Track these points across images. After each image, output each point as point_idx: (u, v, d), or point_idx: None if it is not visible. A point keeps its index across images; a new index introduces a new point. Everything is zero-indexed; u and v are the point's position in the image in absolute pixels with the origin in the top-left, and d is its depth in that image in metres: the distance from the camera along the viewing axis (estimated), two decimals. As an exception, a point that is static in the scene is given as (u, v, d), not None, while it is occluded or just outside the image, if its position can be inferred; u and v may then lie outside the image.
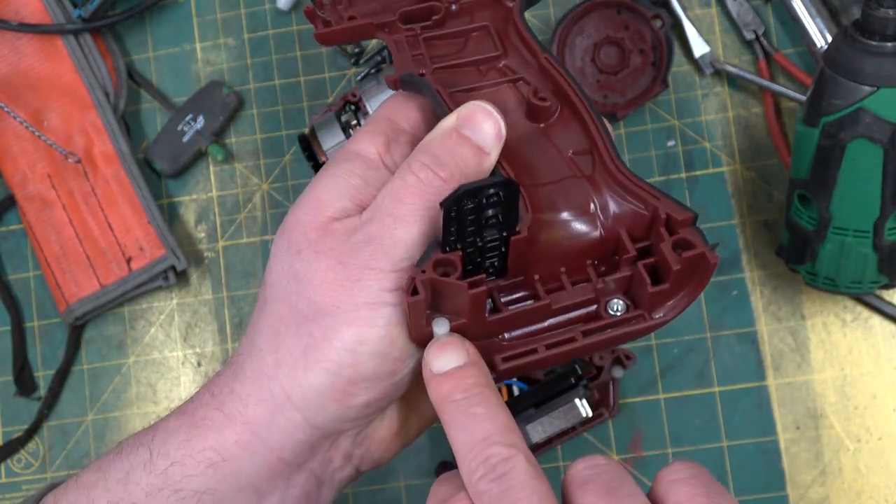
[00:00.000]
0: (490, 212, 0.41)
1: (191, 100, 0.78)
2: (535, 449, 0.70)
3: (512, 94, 0.48)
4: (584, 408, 0.69)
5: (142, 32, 0.80)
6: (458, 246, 0.42)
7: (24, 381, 0.78)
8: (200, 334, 0.77)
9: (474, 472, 0.38)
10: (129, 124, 0.79)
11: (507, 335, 0.44)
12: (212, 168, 0.79)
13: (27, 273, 0.79)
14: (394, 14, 0.49)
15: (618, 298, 0.44)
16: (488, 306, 0.44)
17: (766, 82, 0.73)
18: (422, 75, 0.47)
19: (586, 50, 0.75)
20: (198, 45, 0.80)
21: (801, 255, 0.65)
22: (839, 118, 0.59)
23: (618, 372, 0.71)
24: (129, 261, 0.76)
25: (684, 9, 0.75)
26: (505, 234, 0.42)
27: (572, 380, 0.69)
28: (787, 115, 0.74)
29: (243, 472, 0.44)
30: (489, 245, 0.42)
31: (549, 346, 0.43)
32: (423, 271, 0.41)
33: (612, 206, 0.44)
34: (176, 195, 0.79)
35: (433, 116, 0.47)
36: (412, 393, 0.47)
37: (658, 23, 0.74)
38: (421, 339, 0.43)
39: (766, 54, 0.74)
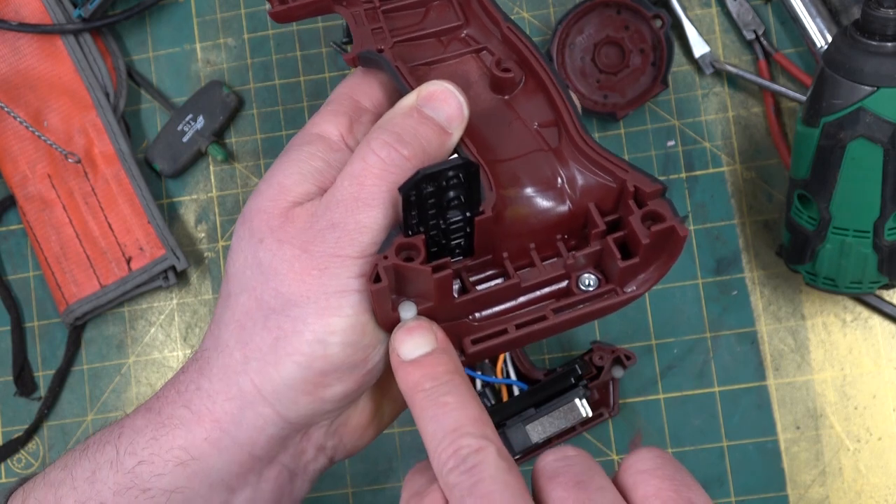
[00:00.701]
0: (451, 193, 0.40)
1: (191, 100, 0.78)
2: (536, 449, 0.70)
3: (475, 65, 0.47)
4: (584, 408, 0.68)
5: (142, 32, 0.80)
6: (421, 229, 0.41)
7: (24, 381, 0.78)
8: (200, 334, 0.77)
9: (445, 464, 0.38)
10: (129, 124, 0.79)
11: (477, 315, 0.43)
12: (212, 168, 0.79)
13: (27, 273, 0.79)
14: None
15: (589, 273, 0.43)
16: (457, 286, 0.43)
17: (766, 82, 0.73)
18: (380, 51, 0.46)
19: (586, 50, 0.75)
20: (198, 45, 0.80)
21: (801, 255, 0.65)
22: (839, 118, 0.59)
23: (618, 372, 0.71)
24: (129, 261, 0.76)
25: (684, 9, 0.75)
26: (469, 214, 0.41)
27: (572, 380, 0.69)
28: (787, 115, 0.74)
29: (213, 469, 0.43)
30: (453, 226, 0.41)
31: (519, 326, 0.42)
32: (386, 257, 0.40)
33: (580, 179, 0.43)
34: (176, 195, 0.79)
35: (396, 94, 0.46)
36: (384, 379, 0.46)
37: (658, 23, 0.74)
38: (388, 324, 0.42)
39: (766, 54, 0.74)
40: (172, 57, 0.80)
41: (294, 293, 0.42)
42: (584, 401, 0.69)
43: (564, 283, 0.43)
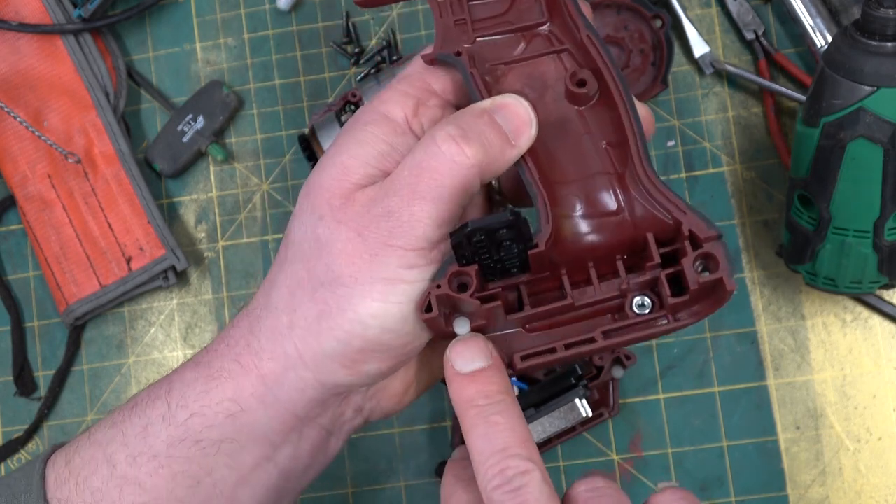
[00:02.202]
0: (502, 236, 0.41)
1: (191, 100, 0.78)
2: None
3: (553, 68, 0.46)
4: (584, 408, 0.68)
5: (142, 32, 0.80)
6: (475, 259, 0.42)
7: (24, 381, 0.78)
8: (200, 334, 0.77)
9: (491, 480, 0.40)
10: (129, 124, 0.79)
11: (527, 327, 0.44)
12: (212, 168, 0.79)
13: (27, 273, 0.79)
14: None
15: (643, 295, 0.44)
16: (512, 298, 0.44)
17: (766, 82, 0.73)
18: (458, 54, 0.46)
19: (586, 50, 0.75)
20: (198, 45, 0.80)
21: (801, 255, 0.65)
22: (839, 118, 0.59)
23: (618, 372, 0.71)
24: (129, 261, 0.76)
25: (684, 9, 0.75)
26: (522, 247, 0.42)
27: (572, 380, 0.69)
28: (787, 115, 0.74)
29: (258, 423, 0.45)
30: (507, 257, 0.42)
31: (568, 346, 0.43)
32: (439, 286, 0.42)
33: (639, 209, 0.44)
34: (176, 195, 0.79)
35: (466, 90, 0.46)
36: (424, 352, 0.47)
37: (658, 23, 0.74)
38: (444, 337, 0.44)
39: (766, 54, 0.74)
40: (172, 57, 0.80)
41: (343, 272, 0.43)
42: (584, 401, 0.69)
43: (618, 301, 0.44)
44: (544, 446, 0.70)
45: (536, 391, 0.69)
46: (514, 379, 0.71)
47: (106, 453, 0.46)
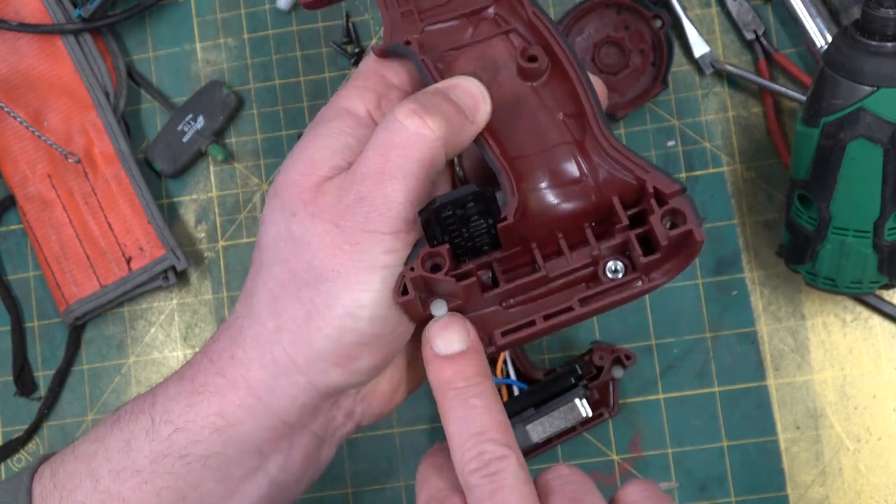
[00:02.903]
0: (471, 210, 0.41)
1: (191, 100, 0.78)
2: (536, 449, 0.70)
3: (503, 48, 0.47)
4: (584, 408, 0.69)
5: (142, 32, 0.80)
6: (445, 238, 0.42)
7: (24, 381, 0.78)
8: (200, 334, 0.77)
9: (468, 464, 0.40)
10: (129, 124, 0.79)
11: (504, 304, 0.44)
12: (212, 168, 0.79)
13: (27, 273, 0.79)
14: None
15: (615, 259, 0.44)
16: (487, 278, 0.44)
17: (766, 82, 0.73)
18: (408, 43, 0.46)
19: (586, 50, 0.75)
20: (198, 45, 0.80)
21: (801, 255, 0.65)
22: (839, 118, 0.59)
23: (618, 372, 0.71)
24: (129, 261, 0.76)
25: (684, 9, 0.75)
26: (491, 221, 0.42)
27: (572, 380, 0.69)
28: (787, 115, 0.74)
29: (247, 435, 0.44)
30: (476, 234, 0.42)
31: (546, 317, 0.43)
32: (413, 269, 0.42)
33: (602, 173, 0.44)
34: (176, 195, 0.79)
35: (421, 81, 0.47)
36: (409, 348, 0.47)
37: (658, 23, 0.74)
38: (421, 322, 0.44)
39: (766, 54, 0.74)
40: (172, 57, 0.80)
41: (326, 267, 0.43)
42: (584, 401, 0.69)
43: (591, 269, 0.44)
44: (544, 446, 0.70)
45: (536, 391, 0.69)
46: (513, 379, 0.71)
47: (89, 467, 0.46)
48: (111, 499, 0.45)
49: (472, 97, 0.44)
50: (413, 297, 0.42)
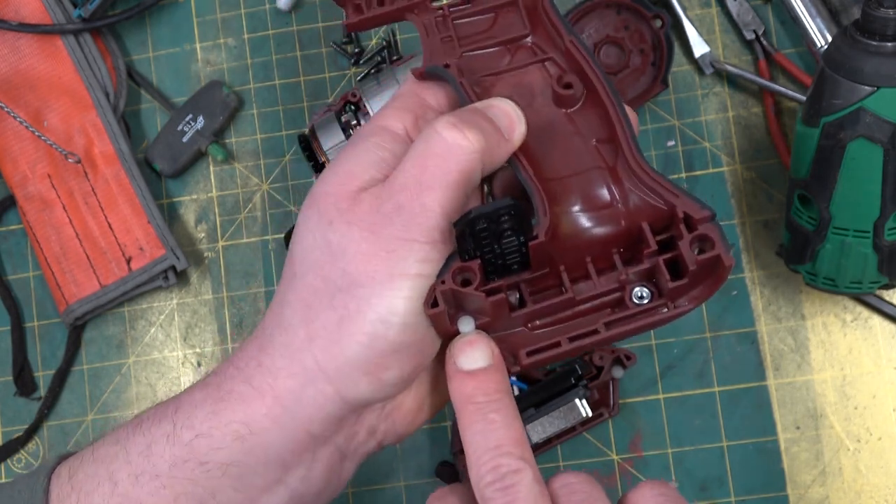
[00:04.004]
0: (504, 225, 0.41)
1: (191, 100, 0.78)
2: (535, 449, 0.70)
3: (539, 76, 0.48)
4: (584, 408, 0.69)
5: (142, 32, 0.80)
6: (477, 254, 0.42)
7: (24, 381, 0.78)
8: (200, 334, 0.77)
9: (483, 477, 0.40)
10: (129, 124, 0.79)
11: (530, 325, 0.45)
12: (212, 168, 0.79)
13: (27, 273, 0.79)
14: None
15: (642, 286, 0.44)
16: (514, 299, 0.44)
17: (766, 82, 0.73)
18: (447, 66, 0.47)
19: (586, 50, 0.75)
20: (198, 45, 0.80)
21: (801, 255, 0.65)
22: (839, 118, 0.59)
23: (618, 372, 0.71)
24: (129, 261, 0.76)
25: (684, 9, 0.75)
26: (522, 239, 0.42)
27: (572, 380, 0.69)
28: (787, 115, 0.74)
29: (271, 445, 0.44)
30: (507, 251, 0.42)
31: (572, 339, 0.44)
32: (443, 282, 0.42)
33: (633, 199, 0.45)
34: (176, 195, 0.79)
35: (459, 103, 0.47)
36: (435, 367, 0.47)
37: (658, 23, 0.74)
38: (447, 336, 0.44)
39: (766, 54, 0.74)
40: (172, 57, 0.80)
41: (361, 273, 0.43)
42: (584, 401, 0.69)
43: (618, 295, 0.44)
44: (544, 446, 0.70)
45: (536, 391, 0.69)
46: (513, 379, 0.71)
47: (109, 470, 0.45)
48: (128, 502, 0.45)
49: (508, 116, 0.45)
50: (442, 310, 0.42)
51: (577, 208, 0.44)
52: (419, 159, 0.43)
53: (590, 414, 0.69)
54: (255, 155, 0.78)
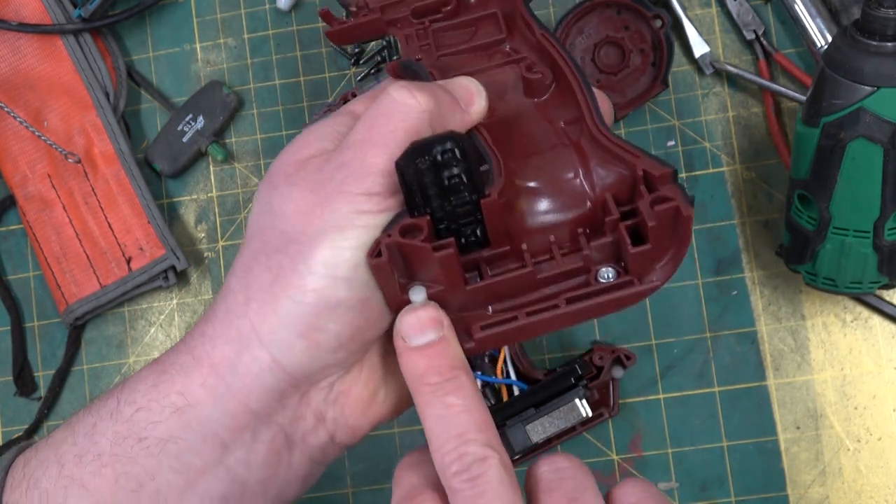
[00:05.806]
0: (451, 171, 0.40)
1: (191, 100, 0.78)
2: (535, 449, 0.70)
3: (512, 74, 0.48)
4: (584, 408, 0.69)
5: (142, 32, 0.80)
6: (427, 210, 0.41)
7: (24, 381, 0.78)
8: (200, 334, 0.77)
9: (448, 466, 0.38)
10: (129, 124, 0.79)
11: (491, 308, 0.43)
12: (212, 168, 0.79)
13: (27, 273, 0.79)
14: (406, 9, 0.49)
15: (608, 266, 0.42)
16: (473, 277, 0.43)
17: (766, 82, 0.73)
18: (418, 60, 0.48)
19: (586, 50, 0.75)
20: (198, 45, 0.80)
21: (801, 255, 0.65)
22: (839, 118, 0.59)
23: (618, 372, 0.71)
24: (129, 261, 0.76)
25: (684, 9, 0.75)
26: (475, 197, 0.41)
27: (572, 380, 0.69)
28: (787, 115, 0.74)
29: (207, 419, 0.43)
30: (460, 210, 0.41)
31: (530, 314, 0.42)
32: (389, 235, 0.41)
33: (599, 172, 0.44)
34: (176, 195, 0.79)
35: None
36: (387, 354, 0.45)
37: (658, 23, 0.74)
38: (397, 306, 0.42)
39: (766, 54, 0.74)
40: (172, 57, 0.80)
41: (296, 230, 0.42)
42: (584, 401, 0.69)
43: (583, 277, 0.43)
44: (544, 446, 0.70)
45: (536, 391, 0.69)
46: (514, 379, 0.71)
47: (58, 453, 0.45)
48: (73, 484, 0.44)
49: (466, 89, 0.45)
50: (384, 261, 0.40)
51: (539, 186, 0.44)
52: (367, 120, 0.43)
53: (590, 414, 0.69)
54: (255, 155, 0.78)
